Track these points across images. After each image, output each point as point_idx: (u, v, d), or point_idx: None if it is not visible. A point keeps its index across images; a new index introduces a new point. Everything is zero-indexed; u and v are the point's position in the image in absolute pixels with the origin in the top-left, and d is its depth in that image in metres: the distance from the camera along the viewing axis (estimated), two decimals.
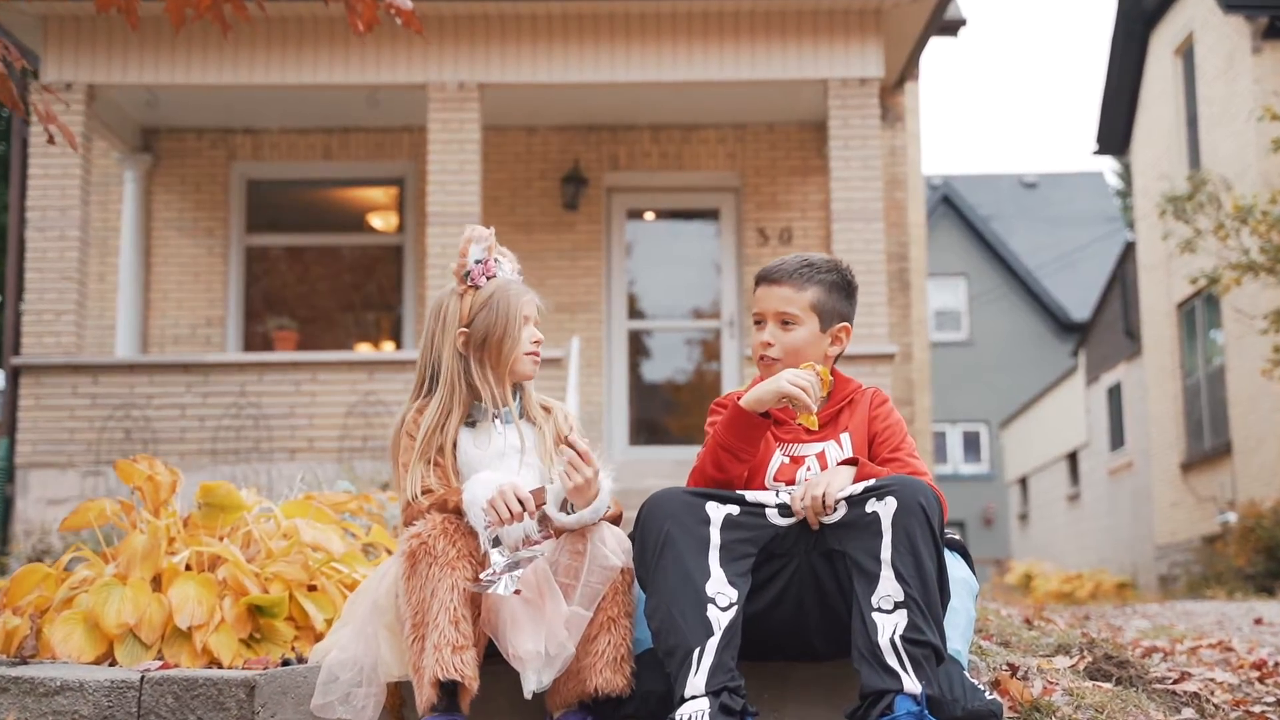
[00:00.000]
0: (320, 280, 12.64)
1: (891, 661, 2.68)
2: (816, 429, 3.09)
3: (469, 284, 3.25)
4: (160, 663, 3.23)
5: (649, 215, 12.48)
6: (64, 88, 10.27)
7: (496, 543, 2.87)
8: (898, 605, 2.72)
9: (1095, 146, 19.42)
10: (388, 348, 12.24)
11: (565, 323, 11.57)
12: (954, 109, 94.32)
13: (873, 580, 2.76)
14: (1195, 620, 7.22)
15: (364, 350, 12.09)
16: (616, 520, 3.10)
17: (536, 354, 3.28)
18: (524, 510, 2.90)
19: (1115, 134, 18.97)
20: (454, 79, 10.44)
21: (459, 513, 2.95)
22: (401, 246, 12.30)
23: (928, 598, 2.73)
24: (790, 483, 3.09)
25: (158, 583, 3.53)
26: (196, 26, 10.28)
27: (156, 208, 12.00)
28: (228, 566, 3.55)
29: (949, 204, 30.86)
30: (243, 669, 3.24)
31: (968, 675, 2.89)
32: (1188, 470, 16.85)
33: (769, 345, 3.22)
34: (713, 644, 2.74)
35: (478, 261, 3.26)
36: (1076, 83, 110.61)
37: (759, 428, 3.06)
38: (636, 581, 2.99)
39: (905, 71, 11.89)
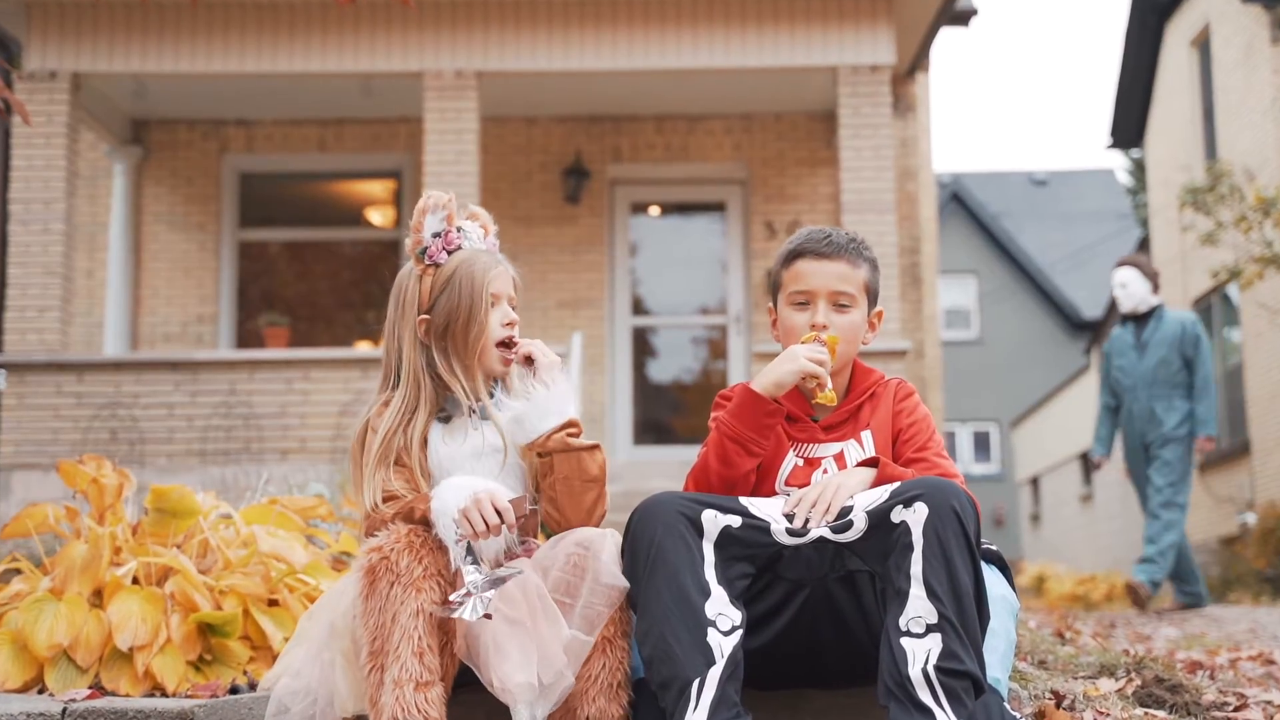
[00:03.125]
0: (317, 277, 12.31)
1: (924, 696, 2.29)
2: (835, 403, 2.73)
3: (427, 262, 2.83)
4: (89, 691, 2.86)
5: (653, 209, 12.13)
6: (48, 76, 9.95)
7: (471, 558, 2.48)
8: (930, 628, 2.34)
9: (1109, 140, 19.06)
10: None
11: (567, 319, 11.23)
12: (963, 104, 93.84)
13: (901, 599, 2.38)
14: (1226, 628, 6.85)
15: (363, 348, 11.75)
16: (601, 479, 2.72)
17: (509, 340, 2.82)
18: (502, 522, 2.50)
19: (1129, 128, 18.60)
20: (451, 67, 10.10)
21: (427, 523, 2.55)
22: (399, 241, 11.95)
23: (964, 619, 2.35)
24: (804, 487, 2.68)
25: (100, 597, 3.18)
26: (185, 12, 9.99)
27: (147, 201, 11.68)
28: (176, 579, 3.18)
29: (958, 201, 30.48)
30: (188, 696, 2.89)
31: (1008, 707, 2.52)
32: (1204, 470, 16.45)
33: (823, 329, 2.80)
34: (714, 674, 2.36)
35: (435, 235, 2.83)
36: (1086, 78, 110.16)
37: (773, 415, 2.68)
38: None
39: (917, 60, 11.54)
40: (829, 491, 2.52)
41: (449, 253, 2.83)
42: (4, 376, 9.69)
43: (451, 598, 2.44)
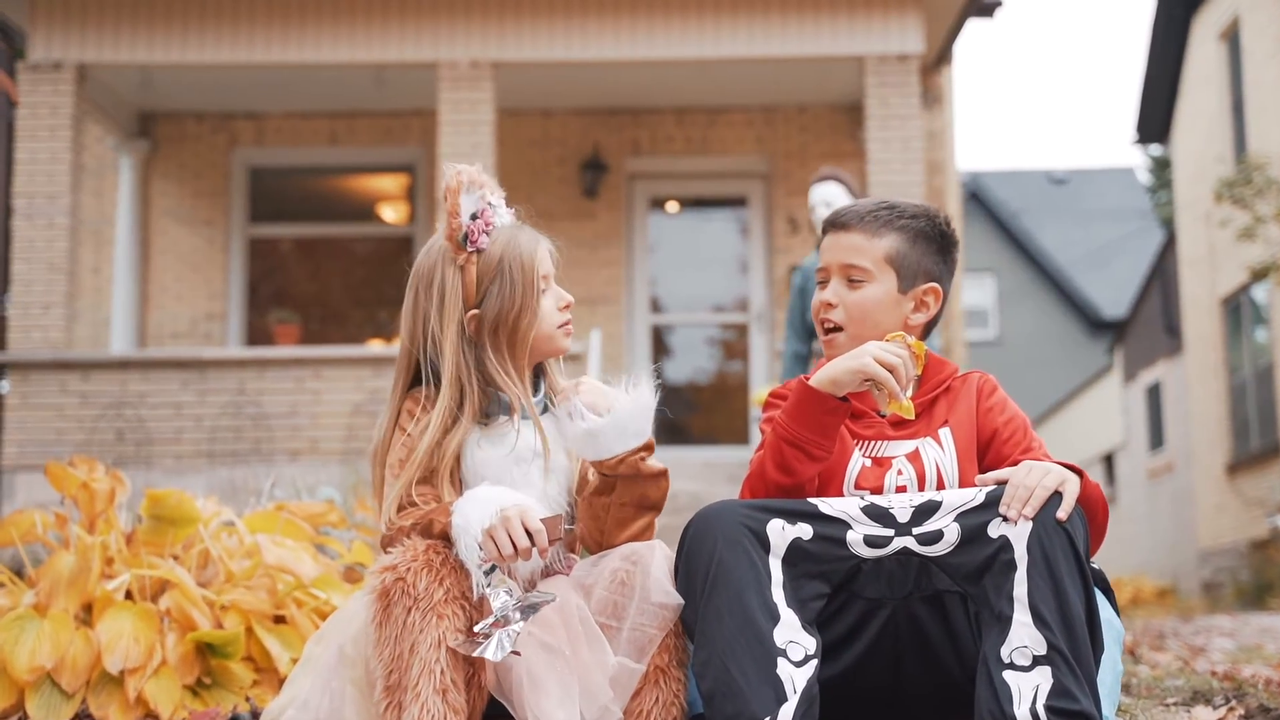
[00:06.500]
0: (329, 274, 12.04)
1: None
2: (913, 416, 2.37)
3: (470, 249, 2.45)
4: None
5: (672, 204, 11.83)
6: (53, 67, 9.70)
7: (498, 581, 2.15)
8: (1038, 660, 2.02)
9: (1135, 136, 18.76)
10: (399, 343, 11.60)
11: (585, 317, 10.92)
12: (982, 101, 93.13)
13: (1003, 626, 2.07)
14: None
15: (375, 346, 11.47)
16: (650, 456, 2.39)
17: (568, 324, 2.52)
18: (533, 545, 2.16)
19: (1155, 123, 18.32)
20: (465, 56, 9.82)
21: (448, 538, 2.22)
22: (412, 238, 11.69)
23: (1077, 649, 2.03)
24: (876, 490, 2.38)
25: (89, 614, 2.88)
26: (192, 1, 9.74)
27: (154, 196, 11.42)
28: (173, 594, 2.88)
29: (977, 200, 30.12)
30: None
31: None
32: (1234, 471, 16.15)
33: (831, 306, 2.52)
34: (786, 713, 2.04)
35: (474, 217, 2.47)
36: (1106, 74, 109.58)
37: (836, 414, 2.33)
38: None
39: (944, 51, 11.22)
40: (1035, 475, 2.18)
41: (489, 235, 2.49)
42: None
43: (477, 628, 2.11)
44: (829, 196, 6.47)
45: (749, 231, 11.63)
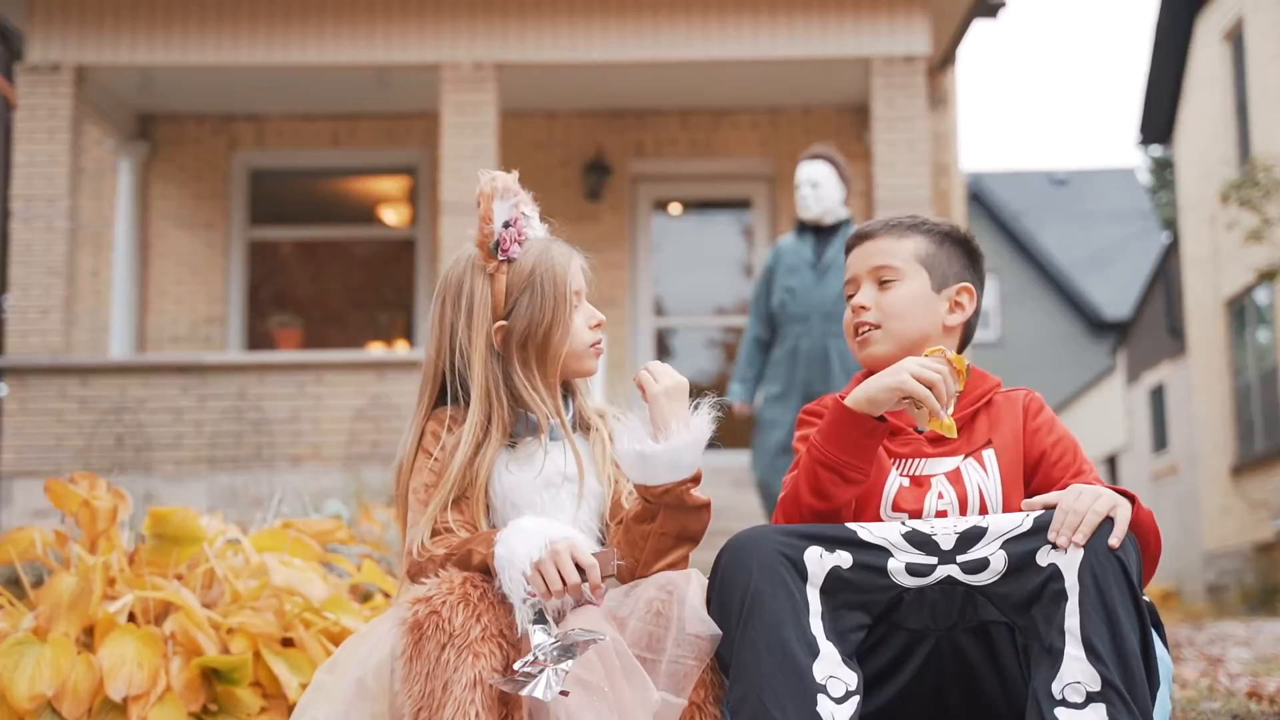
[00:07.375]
0: (329, 277, 11.95)
1: None
2: (955, 435, 2.25)
3: (501, 258, 2.36)
4: None
5: (676, 206, 11.74)
6: (51, 69, 9.61)
7: (539, 617, 2.03)
8: (1092, 697, 1.91)
9: (1138, 137, 18.69)
10: (400, 347, 11.53)
11: None
12: (983, 101, 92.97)
13: (1054, 660, 1.96)
14: None
15: (376, 350, 11.38)
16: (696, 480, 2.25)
17: (599, 344, 2.43)
18: (583, 580, 2.05)
19: (1159, 124, 18.24)
20: (469, 58, 9.73)
21: (485, 570, 2.10)
22: (414, 240, 11.60)
23: (1132, 686, 1.93)
24: (915, 512, 2.27)
25: (91, 638, 2.78)
26: (193, 2, 9.65)
27: (154, 199, 11.32)
28: (177, 616, 2.79)
29: (978, 201, 30.03)
30: None
31: None
32: (1238, 474, 16.08)
33: (864, 309, 2.42)
34: None
35: (507, 225, 2.37)
36: (1106, 74, 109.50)
37: (873, 434, 2.21)
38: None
39: (950, 52, 11.14)
40: (1085, 500, 2.06)
41: (520, 244, 2.39)
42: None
43: (517, 665, 1.98)
44: (815, 176, 6.09)
45: (753, 234, 11.55)
